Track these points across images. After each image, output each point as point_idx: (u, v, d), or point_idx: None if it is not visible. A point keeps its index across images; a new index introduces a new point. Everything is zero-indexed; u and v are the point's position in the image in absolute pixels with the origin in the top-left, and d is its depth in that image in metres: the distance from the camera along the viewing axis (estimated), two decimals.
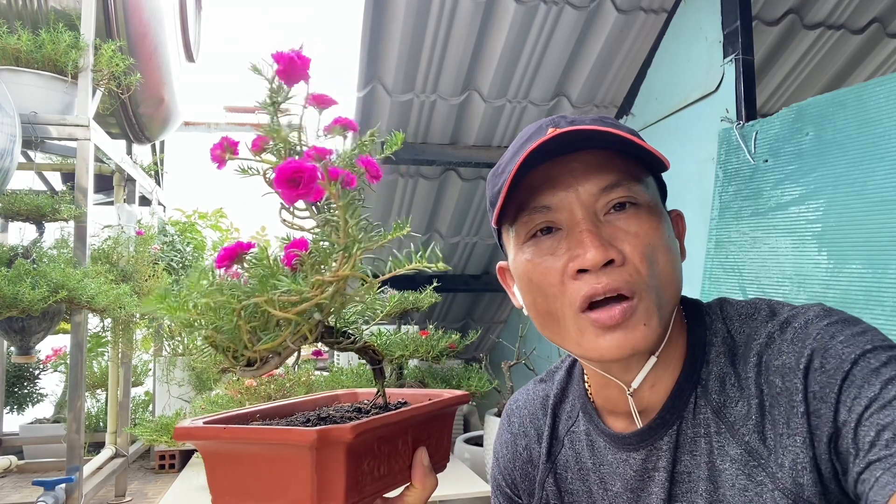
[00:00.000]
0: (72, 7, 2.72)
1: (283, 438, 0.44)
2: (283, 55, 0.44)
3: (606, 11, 2.28)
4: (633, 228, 0.59)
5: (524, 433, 0.79)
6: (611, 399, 0.68)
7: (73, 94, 2.49)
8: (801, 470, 0.55)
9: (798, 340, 0.58)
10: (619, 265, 0.58)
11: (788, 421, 0.56)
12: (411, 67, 2.41)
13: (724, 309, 0.67)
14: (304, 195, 0.42)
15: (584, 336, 0.59)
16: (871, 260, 1.31)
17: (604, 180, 0.60)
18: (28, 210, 2.30)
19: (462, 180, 3.05)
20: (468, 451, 2.83)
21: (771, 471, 0.57)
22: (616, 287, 0.57)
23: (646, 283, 0.58)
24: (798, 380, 0.56)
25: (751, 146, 1.69)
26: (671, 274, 0.61)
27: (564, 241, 0.60)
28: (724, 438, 0.60)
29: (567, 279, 0.59)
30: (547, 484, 0.75)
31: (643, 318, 0.58)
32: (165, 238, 3.79)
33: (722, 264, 1.73)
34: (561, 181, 0.60)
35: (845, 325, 0.57)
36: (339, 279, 0.44)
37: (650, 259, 0.59)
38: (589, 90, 2.60)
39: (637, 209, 0.60)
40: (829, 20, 2.39)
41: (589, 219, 0.59)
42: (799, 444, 0.55)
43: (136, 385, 3.90)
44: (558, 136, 0.57)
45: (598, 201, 0.60)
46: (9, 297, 1.92)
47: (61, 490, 2.23)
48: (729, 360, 0.63)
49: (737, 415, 0.60)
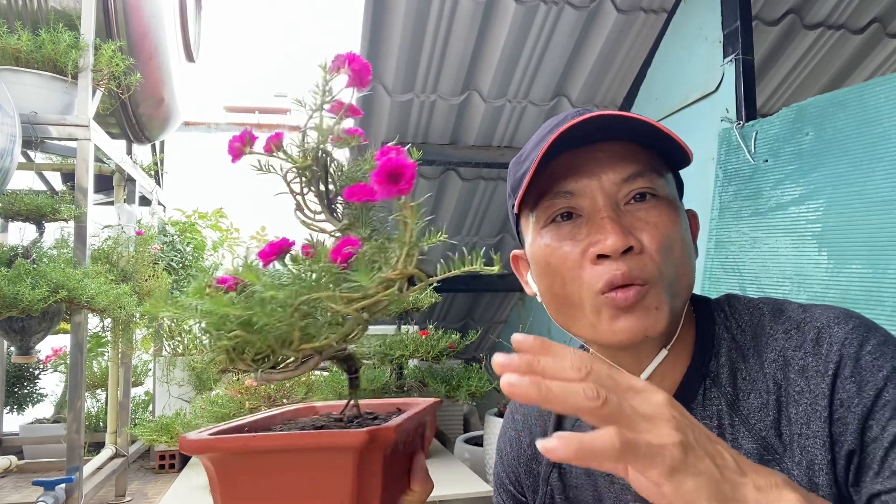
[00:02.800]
0: (72, 7, 2.72)
1: (330, 442, 0.42)
2: (356, 57, 0.45)
3: (606, 11, 2.28)
4: (652, 219, 0.61)
5: (529, 429, 0.80)
6: None
7: (73, 94, 2.49)
8: (817, 471, 0.56)
9: (823, 342, 0.58)
10: (637, 253, 0.59)
11: (809, 422, 0.57)
12: (411, 67, 2.41)
13: (733, 304, 0.68)
14: (402, 191, 0.42)
15: (599, 319, 0.60)
16: (871, 260, 1.31)
17: (627, 170, 0.61)
18: (28, 210, 2.30)
19: (462, 180, 3.05)
20: (468, 451, 2.83)
21: (786, 466, 0.58)
22: (633, 276, 0.58)
23: (660, 273, 0.59)
24: (825, 384, 0.56)
25: (751, 146, 1.69)
26: (685, 267, 0.62)
27: (584, 227, 0.62)
28: (738, 431, 0.61)
29: (586, 263, 0.60)
30: (552, 479, 0.75)
31: (654, 302, 0.59)
32: (165, 238, 3.79)
33: (722, 264, 1.73)
34: (585, 168, 0.62)
35: (868, 331, 0.58)
36: (402, 276, 0.45)
37: (667, 250, 0.60)
38: (589, 90, 2.59)
39: (657, 201, 0.62)
40: (829, 20, 2.38)
41: (610, 206, 0.61)
42: (819, 446, 0.56)
43: (136, 385, 3.89)
44: (588, 121, 0.58)
45: (620, 190, 0.61)
46: (9, 297, 1.92)
47: (61, 490, 2.23)
48: (740, 354, 0.63)
49: (750, 408, 0.61)
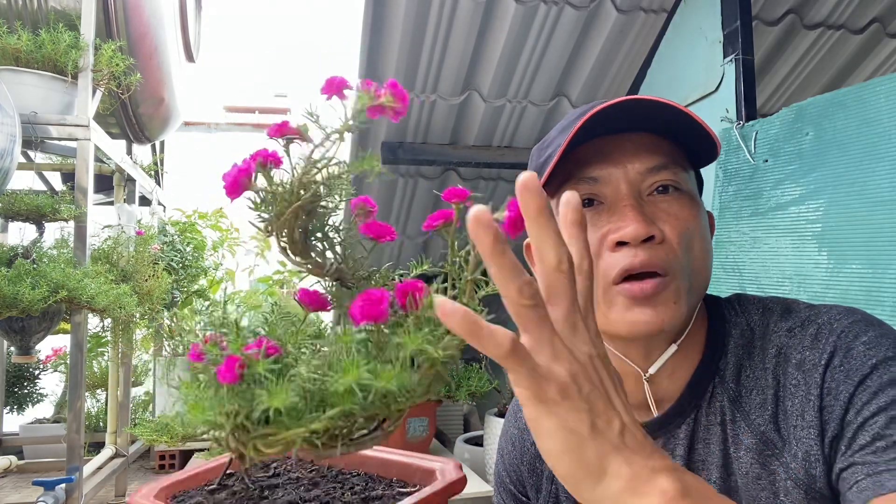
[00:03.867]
0: (72, 7, 2.72)
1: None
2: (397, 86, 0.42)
3: (606, 11, 2.28)
4: (674, 210, 0.61)
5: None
6: (626, 389, 0.69)
7: (73, 94, 2.49)
8: (813, 462, 0.56)
9: (822, 337, 0.59)
10: (658, 243, 0.59)
11: (803, 413, 0.57)
12: (411, 67, 2.41)
13: (742, 303, 0.68)
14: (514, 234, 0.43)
15: (612, 308, 0.60)
16: (871, 260, 1.31)
17: (652, 161, 0.61)
18: (28, 210, 2.30)
19: (462, 180, 3.05)
20: (468, 451, 2.83)
21: (784, 461, 0.58)
22: (653, 263, 0.58)
23: (680, 265, 0.59)
24: (818, 375, 0.57)
25: (751, 146, 1.69)
26: (703, 261, 0.62)
27: (605, 214, 0.61)
28: (739, 427, 0.61)
29: (604, 251, 0.60)
30: (556, 478, 0.75)
31: (673, 296, 0.59)
32: (165, 238, 3.78)
33: (722, 264, 1.73)
34: (611, 156, 0.62)
35: (869, 326, 0.58)
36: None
37: (687, 243, 0.60)
38: (589, 90, 2.59)
39: (680, 194, 0.62)
40: (829, 20, 2.38)
41: (633, 195, 0.61)
42: (813, 436, 0.56)
43: (136, 385, 3.89)
44: (616, 109, 0.58)
45: (645, 181, 0.62)
46: (9, 297, 1.92)
47: (61, 490, 2.23)
48: (746, 352, 0.64)
49: (752, 404, 0.61)
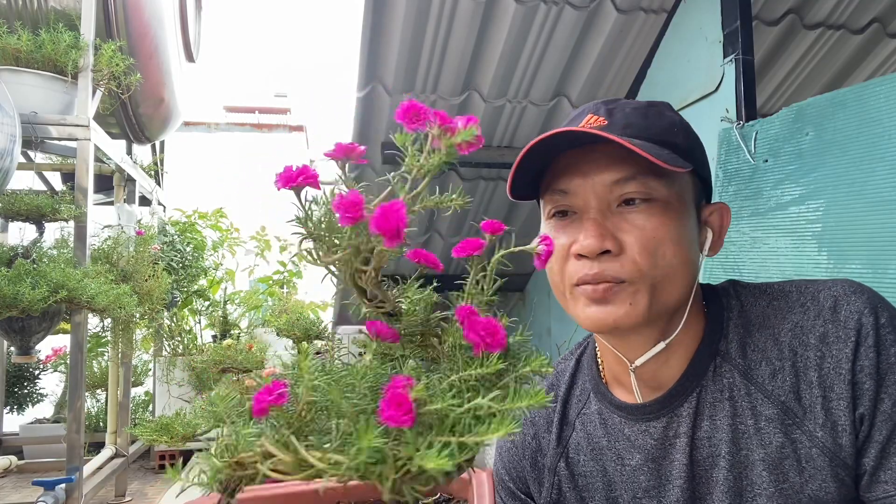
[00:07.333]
0: (72, 7, 2.72)
1: None
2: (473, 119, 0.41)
3: (606, 11, 2.28)
4: (639, 222, 0.62)
5: (532, 423, 0.80)
6: (622, 374, 0.72)
7: (73, 94, 2.49)
8: (840, 432, 0.59)
9: (841, 309, 0.61)
10: (616, 255, 0.62)
11: (833, 385, 0.60)
12: (411, 67, 2.41)
13: (737, 288, 0.71)
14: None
15: (576, 305, 0.65)
16: (871, 260, 1.31)
17: (619, 173, 0.63)
18: (28, 210, 2.30)
19: (462, 180, 3.05)
20: None
21: (808, 429, 0.60)
22: (604, 276, 0.62)
23: (641, 273, 0.62)
24: (849, 349, 0.59)
25: (751, 146, 1.69)
26: (677, 266, 0.63)
27: (574, 224, 0.65)
28: (756, 399, 0.63)
29: (570, 258, 0.64)
30: (559, 468, 0.76)
31: (629, 298, 0.62)
32: (165, 238, 3.79)
33: (722, 264, 1.73)
34: (580, 169, 0.64)
35: (881, 305, 0.61)
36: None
37: (653, 252, 0.62)
38: (589, 90, 2.59)
39: (649, 205, 0.63)
40: (829, 20, 2.38)
41: (597, 208, 0.63)
42: (843, 408, 0.59)
43: (136, 385, 3.90)
44: (569, 133, 0.62)
45: (612, 192, 0.63)
46: (9, 297, 1.92)
47: (61, 490, 2.23)
48: (746, 331, 0.66)
49: (764, 376, 0.63)
